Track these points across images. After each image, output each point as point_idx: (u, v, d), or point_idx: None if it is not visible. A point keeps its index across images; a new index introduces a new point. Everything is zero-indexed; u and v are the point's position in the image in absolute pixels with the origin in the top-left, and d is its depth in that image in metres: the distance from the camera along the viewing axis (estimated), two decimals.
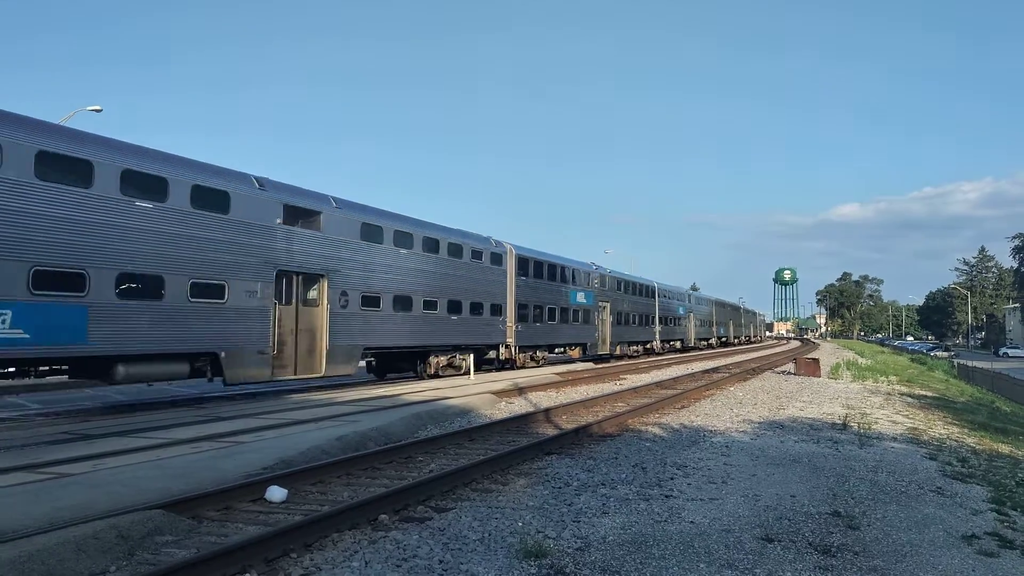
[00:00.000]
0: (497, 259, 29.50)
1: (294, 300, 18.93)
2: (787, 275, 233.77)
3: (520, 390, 20.77)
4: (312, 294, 19.68)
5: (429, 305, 24.50)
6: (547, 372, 28.24)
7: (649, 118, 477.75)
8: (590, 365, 35.17)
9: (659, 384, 24.13)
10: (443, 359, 25.73)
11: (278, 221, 18.31)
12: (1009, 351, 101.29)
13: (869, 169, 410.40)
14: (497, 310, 29.13)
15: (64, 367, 14.77)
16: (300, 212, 19.26)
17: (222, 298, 16.62)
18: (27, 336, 12.73)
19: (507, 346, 30.09)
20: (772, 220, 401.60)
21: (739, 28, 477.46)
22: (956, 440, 14.83)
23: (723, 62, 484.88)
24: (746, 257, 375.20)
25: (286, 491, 8.29)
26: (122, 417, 14.36)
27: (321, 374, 19.76)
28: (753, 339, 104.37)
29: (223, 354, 16.59)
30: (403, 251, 23.26)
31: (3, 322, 12.40)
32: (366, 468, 9.98)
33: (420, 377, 24.82)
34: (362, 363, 23.04)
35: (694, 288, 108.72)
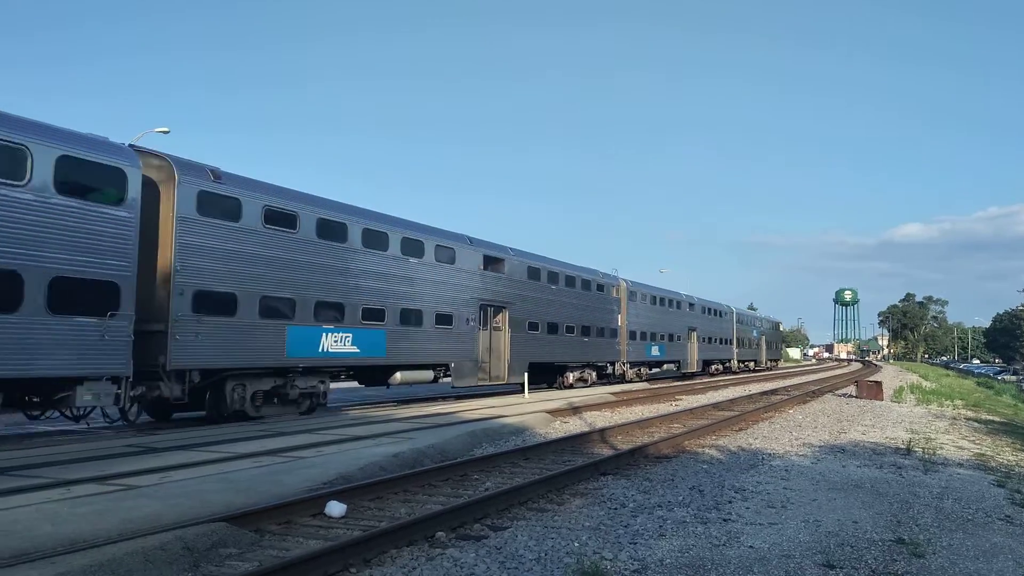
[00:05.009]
0: (614, 291, 35.99)
1: (488, 326, 25.42)
2: (848, 295, 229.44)
3: (575, 409, 20.73)
4: (498, 321, 26.12)
5: (569, 329, 30.86)
6: (602, 392, 28.26)
7: (713, 137, 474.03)
8: (645, 385, 35.24)
9: (715, 405, 23.84)
10: (577, 373, 32.16)
11: (480, 267, 25.05)
12: None
13: (931, 189, 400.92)
14: (613, 333, 35.37)
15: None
16: (491, 260, 25.88)
17: (451, 325, 23.18)
18: (359, 351, 19.47)
19: (621, 363, 36.40)
20: (832, 240, 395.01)
21: (803, 39, 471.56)
22: None
23: (787, 76, 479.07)
24: (805, 277, 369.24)
25: (345, 506, 8.40)
26: (187, 431, 14.72)
27: (505, 381, 26.39)
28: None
29: (453, 364, 23.15)
30: (553, 287, 29.93)
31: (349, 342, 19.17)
32: (423, 485, 10.07)
33: (559, 388, 30.61)
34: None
35: (751, 308, 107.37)
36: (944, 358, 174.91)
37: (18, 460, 10.73)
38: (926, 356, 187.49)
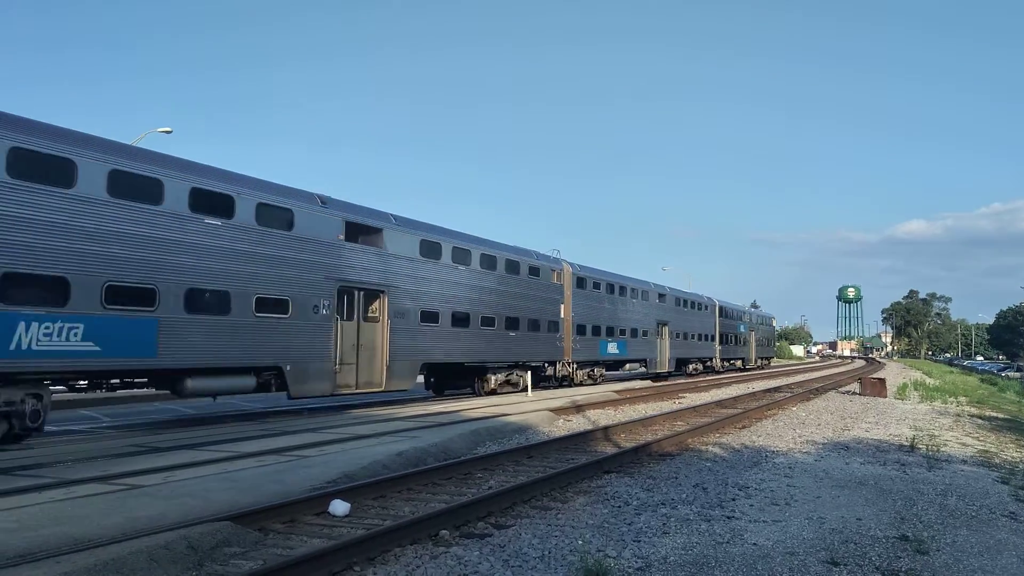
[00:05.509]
0: (555, 276, 29.67)
1: (356, 316, 19.23)
2: (851, 293, 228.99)
3: (578, 407, 20.73)
4: (373, 310, 19.99)
5: (487, 321, 24.64)
6: (604, 390, 28.14)
7: (716, 134, 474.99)
8: (647, 383, 34.98)
9: (719, 403, 23.81)
10: (501, 376, 25.79)
11: (340, 238, 18.69)
12: None
13: (934, 186, 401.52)
14: (554, 327, 29.07)
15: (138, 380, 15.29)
16: (361, 229, 19.60)
17: (285, 314, 16.98)
18: (99, 349, 13.31)
19: (565, 362, 30.14)
20: (835, 237, 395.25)
21: (802, 45, 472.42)
22: None
23: (787, 78, 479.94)
24: (809, 274, 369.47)
25: (349, 505, 8.41)
26: (190, 430, 14.73)
27: (382, 388, 20.08)
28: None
29: (288, 367, 16.94)
30: (461, 267, 23.51)
31: (77, 335, 13.00)
32: (426, 484, 10.07)
33: (477, 394, 25.04)
34: (419, 379, 23.39)
35: (754, 306, 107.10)
36: (948, 355, 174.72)
37: (21, 460, 10.75)
38: (929, 353, 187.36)
